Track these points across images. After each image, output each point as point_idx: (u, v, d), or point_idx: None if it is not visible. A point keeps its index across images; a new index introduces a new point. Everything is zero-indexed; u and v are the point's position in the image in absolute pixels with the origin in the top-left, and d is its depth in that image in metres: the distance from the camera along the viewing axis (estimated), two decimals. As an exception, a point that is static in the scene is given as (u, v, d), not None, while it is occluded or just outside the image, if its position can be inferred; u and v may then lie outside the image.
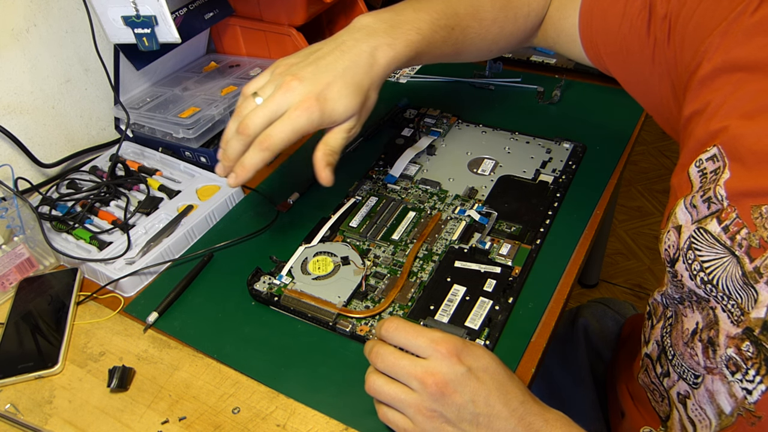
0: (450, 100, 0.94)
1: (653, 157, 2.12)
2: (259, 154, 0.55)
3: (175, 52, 0.92)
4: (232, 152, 0.56)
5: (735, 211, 0.46)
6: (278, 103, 0.54)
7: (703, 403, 0.52)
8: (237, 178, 0.57)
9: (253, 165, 0.56)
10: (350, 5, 1.00)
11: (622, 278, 1.73)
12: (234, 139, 0.56)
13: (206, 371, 0.60)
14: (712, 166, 0.48)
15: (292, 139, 0.55)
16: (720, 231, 0.47)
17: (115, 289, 0.69)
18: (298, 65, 0.56)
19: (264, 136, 0.54)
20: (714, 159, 0.48)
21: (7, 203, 0.70)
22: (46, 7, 0.79)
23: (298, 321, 0.63)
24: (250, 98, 0.56)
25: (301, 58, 0.57)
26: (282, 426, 0.54)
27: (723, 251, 0.46)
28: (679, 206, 0.51)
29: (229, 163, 0.57)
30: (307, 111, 0.54)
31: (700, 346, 0.51)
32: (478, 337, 0.58)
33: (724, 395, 0.49)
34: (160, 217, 0.74)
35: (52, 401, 0.58)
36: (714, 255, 0.47)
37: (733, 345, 0.47)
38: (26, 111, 0.80)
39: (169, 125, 0.84)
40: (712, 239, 0.47)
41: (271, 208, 0.78)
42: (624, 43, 0.60)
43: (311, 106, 0.54)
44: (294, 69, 0.56)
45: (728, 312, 0.47)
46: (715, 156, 0.48)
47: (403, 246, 0.69)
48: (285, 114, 0.54)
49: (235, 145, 0.56)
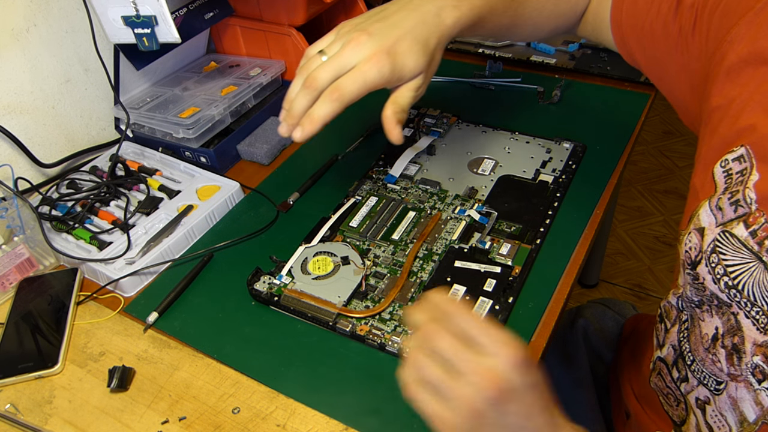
0: (450, 100, 0.94)
1: (653, 157, 2.12)
2: (329, 105, 0.53)
3: (175, 52, 0.92)
4: (298, 108, 0.54)
5: (764, 216, 0.44)
6: (347, 57, 0.53)
7: (724, 410, 0.51)
8: (304, 131, 0.55)
9: (322, 117, 0.54)
10: (350, 5, 1.00)
11: (622, 278, 1.73)
12: (300, 94, 0.54)
13: (206, 371, 0.59)
14: (738, 167, 0.47)
15: (362, 92, 0.54)
16: (747, 235, 0.45)
17: (115, 289, 0.69)
18: (365, 23, 0.55)
19: (334, 87, 0.53)
20: (741, 159, 0.46)
21: (7, 203, 0.70)
22: (46, 7, 0.79)
23: (298, 321, 0.63)
24: (316, 56, 0.55)
25: (367, 17, 0.56)
26: (282, 426, 0.54)
27: (750, 256, 0.45)
28: (703, 208, 0.50)
29: (294, 120, 0.55)
30: (378, 64, 0.53)
31: (723, 353, 0.50)
32: (478, 337, 0.58)
33: (749, 403, 0.48)
34: (160, 217, 0.74)
35: (52, 401, 0.58)
36: (739, 260, 0.46)
37: (760, 353, 0.46)
38: (26, 111, 0.80)
39: (169, 125, 0.84)
40: (738, 243, 0.46)
41: (271, 208, 0.78)
42: (650, 28, 0.59)
43: (382, 59, 0.53)
44: (362, 26, 0.55)
45: (752, 319, 0.46)
46: (742, 156, 0.46)
47: (403, 246, 0.69)
48: (355, 67, 0.53)
49: (301, 101, 0.54)
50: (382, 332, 0.59)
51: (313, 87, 0.53)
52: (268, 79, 0.91)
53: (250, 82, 0.90)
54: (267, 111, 0.91)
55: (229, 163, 0.86)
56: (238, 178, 0.81)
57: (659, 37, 0.58)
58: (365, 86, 0.53)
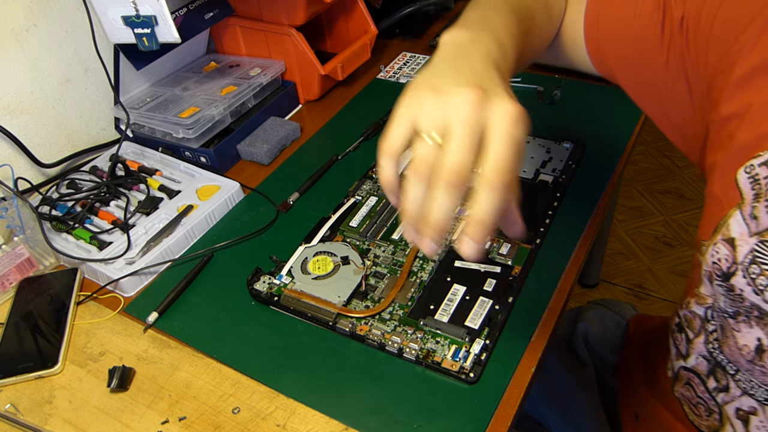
0: (450, 100, 0.94)
1: (653, 157, 2.12)
2: (493, 198, 0.39)
3: (175, 52, 0.92)
4: (441, 216, 0.40)
5: None
6: (473, 124, 0.39)
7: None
8: (470, 246, 0.42)
9: (491, 216, 0.40)
10: (350, 5, 1.00)
11: (622, 278, 1.73)
12: (437, 201, 0.40)
13: (206, 371, 0.59)
14: (765, 172, 0.45)
15: (520, 163, 0.41)
16: None
17: (115, 289, 0.69)
18: (441, 82, 0.42)
19: (491, 171, 0.39)
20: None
21: (7, 203, 0.70)
22: (46, 7, 0.79)
23: (298, 321, 0.63)
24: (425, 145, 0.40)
25: (439, 76, 0.43)
26: (282, 426, 0.54)
27: None
28: (732, 217, 0.47)
29: (441, 234, 0.41)
30: (519, 116, 0.40)
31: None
32: (478, 337, 0.58)
33: None
34: (160, 217, 0.74)
35: (52, 401, 0.58)
36: None
37: None
38: (26, 111, 0.80)
39: (169, 125, 0.84)
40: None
41: (271, 208, 0.78)
42: (635, 47, 0.57)
43: (515, 109, 0.40)
44: (453, 83, 0.41)
45: None
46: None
47: (403, 246, 0.69)
48: (492, 134, 0.39)
49: (443, 206, 0.40)
50: (382, 332, 0.60)
51: (458, 182, 0.39)
52: (268, 79, 0.91)
53: (250, 82, 0.90)
54: (267, 111, 0.91)
55: (229, 163, 0.86)
56: (238, 178, 0.81)
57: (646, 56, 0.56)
58: (519, 151, 0.40)
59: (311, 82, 0.95)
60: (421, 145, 0.40)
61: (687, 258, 1.75)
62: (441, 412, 0.54)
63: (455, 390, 0.55)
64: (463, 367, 0.56)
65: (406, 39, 1.13)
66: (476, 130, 0.39)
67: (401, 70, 1.03)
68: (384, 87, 1.00)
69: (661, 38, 0.54)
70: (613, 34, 0.59)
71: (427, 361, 0.57)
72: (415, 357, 0.57)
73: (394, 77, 1.01)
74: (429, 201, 0.40)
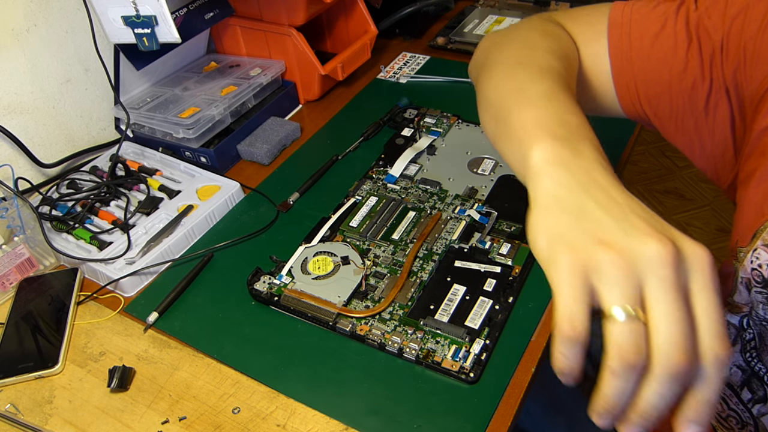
0: (450, 100, 0.94)
1: (653, 157, 2.12)
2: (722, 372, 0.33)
3: (175, 52, 0.92)
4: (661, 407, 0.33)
5: None
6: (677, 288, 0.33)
7: None
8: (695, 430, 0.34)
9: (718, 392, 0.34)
10: (350, 5, 1.00)
11: (622, 278, 1.73)
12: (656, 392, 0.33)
13: (206, 371, 0.60)
14: None
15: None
16: None
17: (116, 289, 0.69)
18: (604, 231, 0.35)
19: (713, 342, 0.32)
20: None
21: (7, 203, 0.70)
22: (46, 7, 0.79)
23: (298, 321, 0.63)
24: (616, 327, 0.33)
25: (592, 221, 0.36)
26: (282, 426, 0.54)
27: None
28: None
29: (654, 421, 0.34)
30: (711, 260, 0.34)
31: None
32: (478, 337, 0.58)
33: None
34: (160, 217, 0.74)
35: (53, 401, 0.58)
36: None
37: None
38: (26, 111, 0.80)
39: (169, 125, 0.84)
40: None
41: (271, 208, 0.78)
42: (672, 83, 0.53)
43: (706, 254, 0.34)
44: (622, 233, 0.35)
45: None
46: None
47: (403, 246, 0.69)
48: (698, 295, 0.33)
49: (664, 397, 0.33)
50: (382, 332, 0.60)
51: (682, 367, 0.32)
52: (268, 79, 0.91)
53: (250, 82, 0.90)
54: (267, 111, 0.91)
55: (229, 163, 0.86)
56: (238, 178, 0.81)
57: (686, 84, 0.53)
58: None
59: (311, 82, 0.95)
60: (618, 327, 0.32)
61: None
62: (441, 412, 0.54)
63: (455, 390, 0.55)
64: (463, 367, 0.56)
65: (406, 39, 1.13)
66: (682, 295, 0.32)
67: (401, 70, 1.03)
68: (384, 87, 1.00)
69: (701, 67, 0.52)
70: (648, 73, 0.55)
71: (427, 361, 0.57)
72: (415, 357, 0.57)
73: (394, 77, 1.01)
74: (643, 391, 0.33)
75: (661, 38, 0.54)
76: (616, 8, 0.58)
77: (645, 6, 0.57)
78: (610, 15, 0.58)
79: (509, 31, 0.60)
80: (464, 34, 1.08)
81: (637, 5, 0.57)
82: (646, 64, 0.56)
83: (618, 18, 0.57)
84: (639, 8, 0.57)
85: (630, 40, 0.56)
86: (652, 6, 0.56)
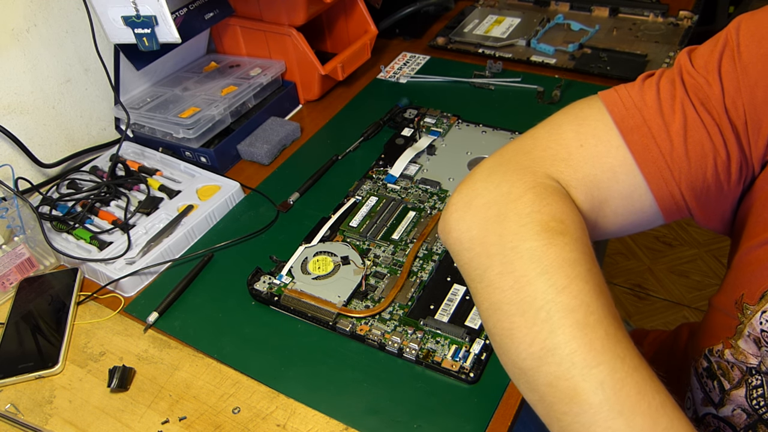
0: (450, 100, 0.94)
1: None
2: None
3: (175, 52, 0.92)
4: None
5: None
6: None
7: None
8: None
9: None
10: (350, 5, 1.00)
11: (622, 278, 1.73)
12: None
13: (206, 371, 0.60)
14: None
15: None
16: None
17: (116, 289, 0.69)
18: None
19: None
20: None
21: (7, 203, 0.70)
22: (46, 7, 0.79)
23: (298, 321, 0.63)
24: None
25: None
26: (282, 426, 0.54)
27: None
28: None
29: None
30: None
31: None
32: (478, 337, 0.58)
33: None
34: (160, 217, 0.74)
35: (53, 401, 0.58)
36: None
37: None
38: (26, 111, 0.80)
39: (169, 125, 0.84)
40: None
41: (271, 208, 0.78)
42: (707, 178, 0.49)
43: None
44: None
45: None
46: None
47: (403, 246, 0.69)
48: None
49: None
50: (382, 332, 0.60)
51: None
52: (268, 79, 0.91)
53: (250, 82, 0.90)
54: (267, 111, 0.91)
55: (229, 163, 0.86)
56: (238, 178, 0.81)
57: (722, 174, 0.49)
58: None
59: (311, 82, 0.95)
60: None
61: (687, 258, 1.76)
62: (441, 412, 0.54)
63: (455, 390, 0.55)
64: (463, 366, 0.56)
65: (406, 39, 1.13)
66: None
67: (401, 70, 1.03)
68: (384, 87, 1.00)
69: (726, 149, 0.47)
70: (691, 179, 0.49)
71: (427, 361, 0.57)
72: (415, 357, 0.57)
73: (394, 77, 1.01)
74: None
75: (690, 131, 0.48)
76: (613, 105, 0.52)
77: (646, 93, 0.51)
78: (613, 117, 0.52)
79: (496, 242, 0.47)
80: (464, 34, 1.08)
81: (633, 92, 0.52)
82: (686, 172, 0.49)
83: (627, 120, 0.51)
84: (641, 97, 0.51)
85: (657, 142, 0.49)
86: (653, 92, 0.50)
